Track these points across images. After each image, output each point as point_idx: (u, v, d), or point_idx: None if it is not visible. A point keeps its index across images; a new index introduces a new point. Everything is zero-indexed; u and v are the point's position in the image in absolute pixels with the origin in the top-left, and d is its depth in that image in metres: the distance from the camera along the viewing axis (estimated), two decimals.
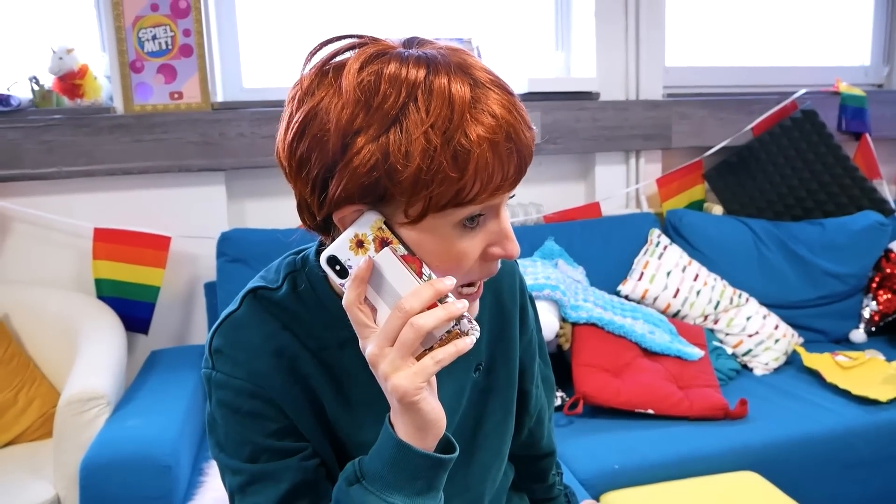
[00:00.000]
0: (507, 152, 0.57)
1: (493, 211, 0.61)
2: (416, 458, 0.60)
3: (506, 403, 0.80)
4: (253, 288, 0.70)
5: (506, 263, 0.79)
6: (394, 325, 0.57)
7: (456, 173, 0.55)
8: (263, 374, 0.66)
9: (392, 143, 0.55)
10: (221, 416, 0.67)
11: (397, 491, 0.60)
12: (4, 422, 1.65)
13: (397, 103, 0.55)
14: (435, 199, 0.56)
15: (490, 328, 0.78)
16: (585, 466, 1.45)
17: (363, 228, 0.59)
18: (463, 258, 0.60)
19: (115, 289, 1.88)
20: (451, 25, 2.28)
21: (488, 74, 0.58)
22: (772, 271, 2.15)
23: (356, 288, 0.59)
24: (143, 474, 1.27)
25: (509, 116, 0.57)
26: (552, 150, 2.20)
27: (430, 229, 0.59)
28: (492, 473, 0.80)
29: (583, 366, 1.69)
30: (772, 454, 1.53)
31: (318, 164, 0.58)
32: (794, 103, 2.35)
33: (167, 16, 1.85)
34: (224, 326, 0.68)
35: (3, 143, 1.79)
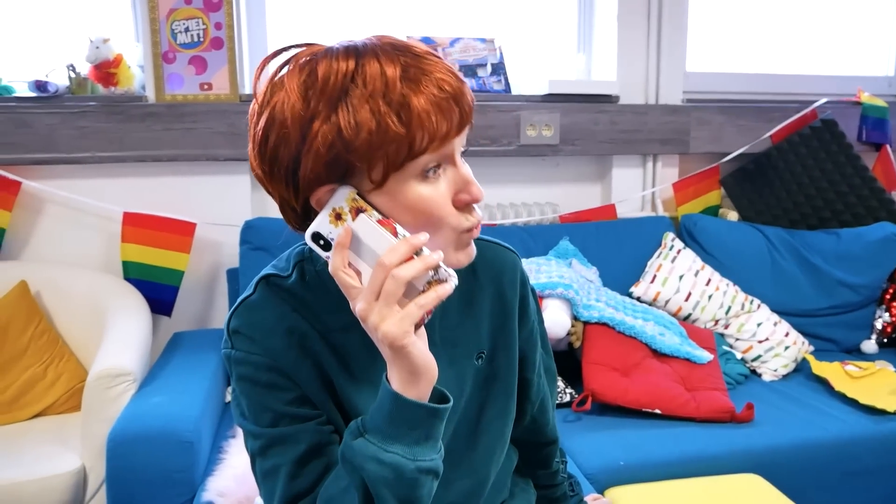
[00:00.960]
0: (445, 103, 0.64)
1: (448, 160, 0.67)
2: (411, 408, 0.65)
3: (507, 389, 0.84)
4: (265, 275, 0.76)
5: (507, 257, 0.84)
6: (377, 280, 0.63)
7: (403, 129, 0.62)
8: (277, 350, 0.72)
9: (342, 119, 0.62)
10: (243, 389, 0.73)
11: (396, 441, 0.65)
12: (34, 394, 1.72)
13: (338, 86, 0.62)
14: (391, 158, 0.63)
15: (492, 319, 0.82)
16: (592, 461, 1.48)
17: (339, 202, 0.65)
18: (433, 207, 0.66)
19: (142, 271, 1.94)
20: (474, 26, 2.31)
21: (418, 46, 0.66)
22: (785, 279, 2.16)
23: (339, 254, 0.65)
24: (167, 448, 1.32)
25: (440, 73, 0.64)
26: (570, 152, 2.22)
27: (397, 188, 0.65)
28: (496, 455, 0.85)
29: (593, 364, 1.72)
30: (776, 458, 1.55)
31: (286, 157, 0.65)
32: (814, 112, 2.35)
33: (200, 9, 1.91)
34: (240, 309, 0.74)
35: (41, 127, 1.86)
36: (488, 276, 0.82)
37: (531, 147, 2.17)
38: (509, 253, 0.85)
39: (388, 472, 0.64)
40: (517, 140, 2.15)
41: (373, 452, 0.64)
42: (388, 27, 2.20)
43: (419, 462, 0.65)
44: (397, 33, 0.68)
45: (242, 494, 1.27)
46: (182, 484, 1.33)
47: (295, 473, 0.71)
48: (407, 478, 0.64)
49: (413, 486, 0.65)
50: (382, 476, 0.64)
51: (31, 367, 1.73)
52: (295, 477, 0.71)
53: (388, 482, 0.64)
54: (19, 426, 1.67)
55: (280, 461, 0.72)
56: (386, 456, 0.64)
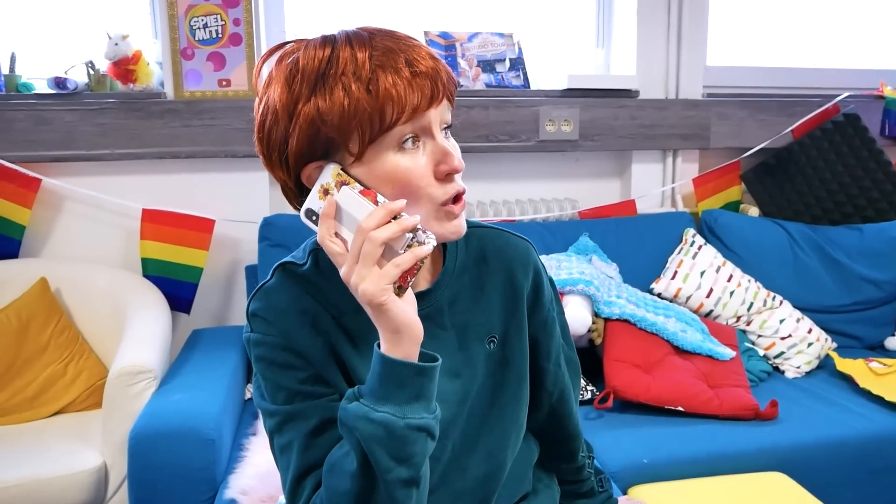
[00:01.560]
0: (417, 78, 0.68)
1: (426, 133, 0.71)
2: (397, 367, 0.68)
3: (520, 374, 0.85)
4: (282, 262, 0.80)
5: (518, 244, 0.86)
6: (357, 244, 0.67)
7: (372, 102, 0.67)
8: (291, 330, 0.76)
9: (320, 99, 0.68)
10: (261, 369, 0.77)
11: (387, 401, 0.67)
12: (54, 392, 1.73)
13: (315, 72, 0.69)
14: (364, 130, 0.68)
15: (504, 304, 0.84)
16: (614, 459, 1.47)
17: (326, 178, 0.71)
18: (410, 177, 0.70)
19: (160, 268, 1.94)
20: (493, 21, 2.30)
21: (397, 32, 0.72)
22: (807, 275, 2.14)
23: (324, 224, 0.70)
24: (189, 446, 1.32)
25: (413, 53, 0.69)
26: (589, 147, 2.21)
27: (374, 160, 0.70)
28: (511, 440, 0.86)
29: (614, 361, 1.71)
30: (801, 456, 1.53)
31: (277, 139, 0.72)
32: (836, 106, 2.32)
33: (218, 5, 1.90)
34: (258, 294, 0.79)
35: (60, 124, 1.86)
36: (499, 263, 0.84)
37: (550, 143, 2.16)
38: (521, 241, 0.87)
39: (378, 429, 0.66)
40: (536, 136, 2.14)
41: (364, 412, 0.67)
42: (405, 23, 2.19)
43: (409, 419, 0.67)
44: (415, 29, 0.71)
45: (265, 493, 1.26)
46: (204, 481, 1.33)
47: (307, 445, 0.74)
48: (398, 434, 0.67)
49: (404, 442, 0.67)
50: (374, 434, 0.66)
51: (52, 364, 1.74)
52: (307, 448, 0.74)
53: (379, 439, 0.66)
54: (40, 423, 1.68)
55: (293, 436, 0.75)
56: (376, 415, 0.67)
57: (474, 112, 2.05)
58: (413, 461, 0.68)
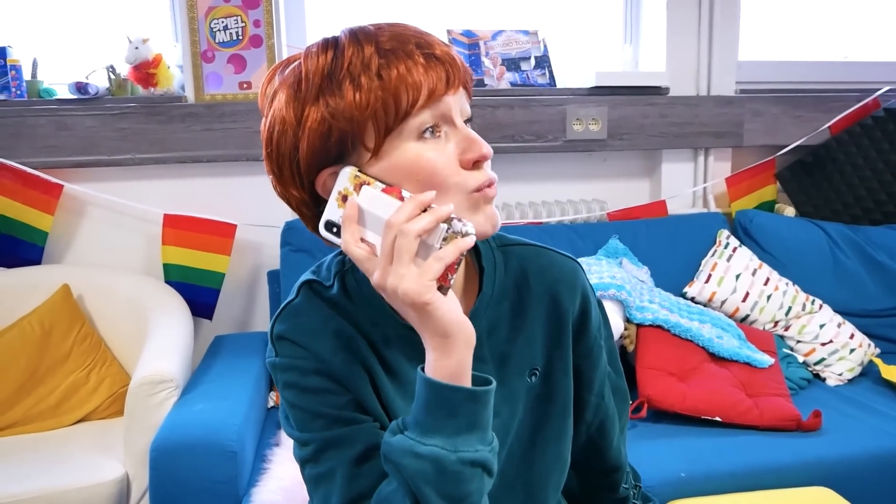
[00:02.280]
0: (430, 61, 0.64)
1: (447, 122, 0.66)
2: (446, 391, 0.61)
3: (565, 409, 0.79)
4: (308, 280, 0.74)
5: (565, 264, 0.79)
6: (388, 242, 0.61)
7: (385, 89, 0.63)
8: (325, 353, 0.70)
9: (329, 98, 0.64)
10: (291, 398, 0.70)
11: (436, 433, 0.60)
12: (77, 399, 1.72)
13: (320, 75, 0.65)
14: (380, 119, 0.63)
15: (547, 332, 0.77)
16: (650, 472, 1.41)
17: (343, 184, 0.65)
18: (435, 167, 0.65)
19: (182, 274, 1.93)
20: (519, 17, 2.26)
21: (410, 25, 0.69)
22: (848, 277, 2.06)
23: (348, 228, 0.64)
24: (211, 458, 1.30)
25: (426, 38, 0.66)
26: (618, 146, 2.16)
27: (394, 153, 0.65)
28: (553, 477, 0.80)
29: (647, 368, 1.66)
30: (847, 470, 1.47)
31: (286, 148, 0.67)
32: (876, 101, 2.25)
33: (238, 7, 1.88)
34: (284, 314, 0.73)
35: (82, 129, 1.86)
36: (543, 285, 0.77)
37: (578, 142, 2.11)
38: (569, 261, 0.79)
39: (426, 465, 0.60)
40: (563, 135, 2.09)
41: (409, 446, 0.60)
42: (429, 22, 2.15)
43: (461, 453, 0.60)
44: (438, 27, 0.67)
45: None
46: (226, 495, 1.31)
47: (354, 474, 0.68)
48: (449, 471, 0.60)
49: (457, 480, 0.60)
50: (421, 470, 0.60)
51: (74, 371, 1.74)
52: (354, 478, 0.68)
53: (427, 477, 0.59)
54: (63, 432, 1.67)
55: (335, 464, 0.68)
56: (423, 449, 0.60)
57: (499, 112, 2.01)
58: (469, 500, 0.61)
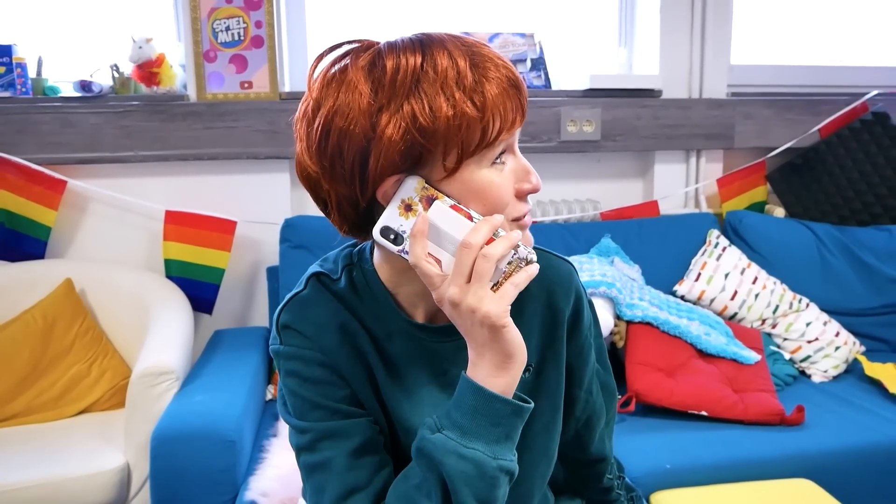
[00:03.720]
0: (511, 90, 0.65)
1: (510, 150, 0.69)
2: (496, 403, 0.64)
3: (554, 404, 0.82)
4: (316, 272, 0.76)
5: (561, 267, 0.81)
6: (465, 262, 0.63)
7: (478, 113, 0.63)
8: (330, 346, 0.72)
9: (416, 108, 0.62)
10: (293, 385, 0.73)
11: (478, 438, 0.64)
12: (78, 391, 1.75)
13: (408, 77, 0.63)
14: (466, 143, 0.64)
15: (541, 331, 0.80)
16: (637, 464, 1.45)
17: (408, 193, 0.65)
18: (501, 194, 0.67)
19: (183, 269, 1.96)
20: (515, 20, 2.29)
21: (472, 39, 0.68)
22: (834, 277, 2.11)
23: (419, 243, 0.64)
24: (210, 447, 1.33)
25: (501, 62, 0.66)
26: (611, 148, 2.19)
27: (468, 176, 0.66)
28: (540, 469, 0.83)
29: (636, 364, 1.69)
30: (829, 463, 1.51)
31: (351, 152, 0.64)
32: (864, 105, 2.29)
33: (241, 8, 1.92)
34: (291, 304, 0.74)
35: (86, 127, 1.89)
36: (539, 286, 0.79)
37: (572, 143, 2.15)
38: (564, 263, 0.83)
39: (469, 467, 0.63)
40: (558, 136, 2.13)
41: (453, 447, 0.64)
42: (426, 23, 2.19)
43: (500, 460, 0.64)
44: (435, 29, 0.70)
45: (286, 495, 1.27)
46: (225, 483, 1.34)
47: (350, 466, 0.70)
48: (488, 475, 0.64)
49: (493, 484, 0.64)
50: (463, 471, 0.63)
51: (76, 364, 1.77)
52: (350, 469, 0.70)
53: (468, 478, 0.63)
54: (64, 423, 1.70)
55: (332, 454, 0.71)
56: (467, 451, 0.63)
57: None
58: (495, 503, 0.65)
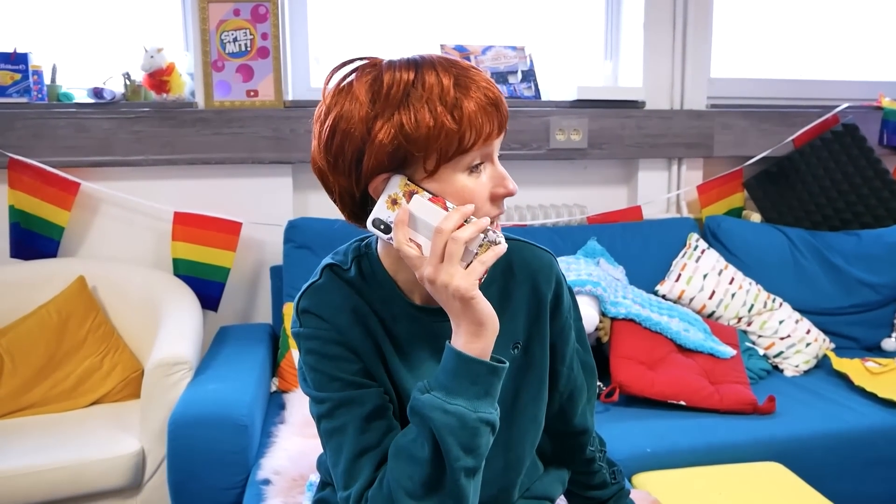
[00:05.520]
0: (489, 107, 0.75)
1: (488, 159, 0.78)
2: (473, 364, 0.74)
3: (541, 377, 0.91)
4: (329, 263, 0.87)
5: (543, 256, 0.91)
6: (438, 245, 0.73)
7: (455, 126, 0.73)
8: (344, 326, 0.82)
9: (404, 118, 0.72)
10: (312, 362, 0.82)
11: (460, 395, 0.74)
12: (91, 383, 1.81)
13: (400, 91, 0.73)
14: (444, 150, 0.73)
15: (528, 312, 0.89)
16: (620, 449, 1.52)
17: (393, 189, 0.76)
18: (474, 197, 0.76)
19: (190, 268, 2.03)
20: (505, 34, 2.36)
21: (463, 61, 0.78)
22: (806, 278, 2.20)
23: (400, 230, 0.75)
24: (224, 431, 1.40)
25: (484, 83, 0.76)
26: (598, 156, 2.28)
27: (446, 178, 0.75)
28: (529, 436, 0.92)
29: (620, 358, 1.78)
30: (797, 447, 1.59)
31: (350, 151, 0.75)
32: (835, 117, 2.39)
33: (248, 20, 2.00)
34: (309, 292, 0.84)
35: (98, 131, 1.96)
36: (525, 273, 0.90)
37: (560, 151, 2.23)
38: (546, 253, 0.93)
39: (452, 420, 0.73)
40: (547, 144, 2.21)
41: (439, 404, 0.73)
42: (423, 37, 2.26)
43: (480, 413, 0.74)
44: (432, 42, 0.80)
45: (297, 472, 1.35)
46: (237, 465, 1.42)
47: (363, 428, 0.80)
48: (469, 426, 0.73)
49: (474, 434, 0.74)
50: (448, 424, 0.73)
51: (89, 357, 1.83)
52: (363, 432, 0.80)
53: (452, 429, 0.73)
54: (79, 413, 1.76)
55: (347, 419, 0.80)
56: (451, 406, 0.73)
57: None
58: (478, 452, 0.75)
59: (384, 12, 2.28)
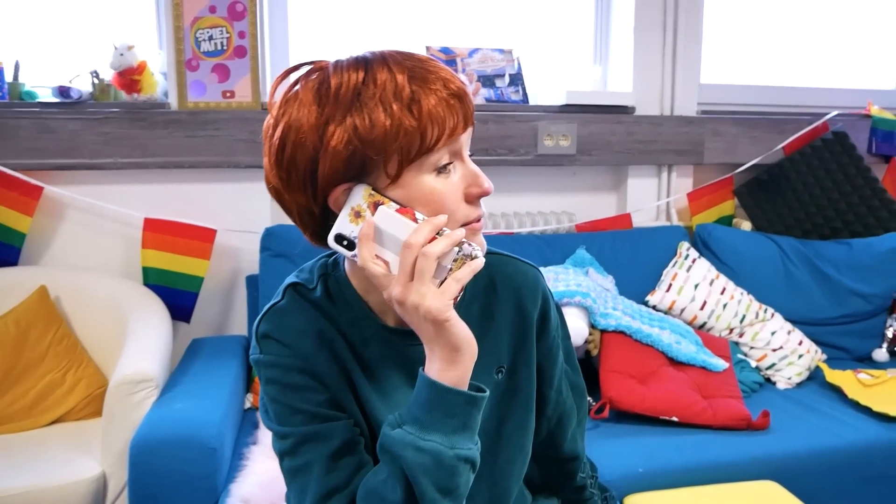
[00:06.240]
0: (452, 100, 0.68)
1: (458, 157, 0.72)
2: (449, 395, 0.67)
3: (527, 403, 0.85)
4: (293, 283, 0.79)
5: (528, 272, 0.85)
6: (407, 262, 0.66)
7: (415, 122, 0.66)
8: (308, 352, 0.75)
9: (357, 119, 0.66)
10: (274, 392, 0.75)
11: (435, 430, 0.66)
12: (52, 400, 1.72)
13: (350, 92, 0.67)
14: (405, 151, 0.67)
15: (512, 333, 0.83)
16: (610, 468, 1.47)
17: (356, 200, 0.69)
18: (445, 199, 0.70)
19: (161, 277, 1.95)
20: (493, 38, 2.33)
21: (421, 54, 0.71)
22: (798, 288, 2.18)
23: (365, 246, 0.68)
24: (191, 454, 1.32)
25: (445, 74, 0.69)
26: (586, 162, 2.24)
27: (412, 182, 0.69)
28: (516, 467, 0.85)
29: (610, 372, 1.73)
30: (792, 465, 1.56)
31: (303, 161, 0.69)
32: (825, 124, 2.38)
33: (224, 18, 1.93)
34: (270, 314, 0.77)
35: (64, 133, 1.87)
36: (508, 290, 0.83)
37: (548, 157, 2.19)
38: (530, 268, 0.86)
39: (426, 459, 0.66)
40: (534, 150, 2.17)
41: (411, 440, 0.66)
42: (407, 38, 2.22)
43: (457, 450, 0.67)
44: (417, 44, 0.74)
45: (267, 500, 1.28)
46: (205, 490, 1.34)
47: (329, 468, 0.73)
48: (446, 465, 0.66)
49: (452, 473, 0.66)
50: (421, 463, 0.65)
51: (50, 372, 1.74)
52: (330, 471, 0.73)
53: (426, 469, 0.65)
54: (38, 432, 1.67)
55: (312, 457, 0.73)
56: (424, 444, 0.66)
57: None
58: (458, 493, 0.68)
59: (368, 12, 2.23)
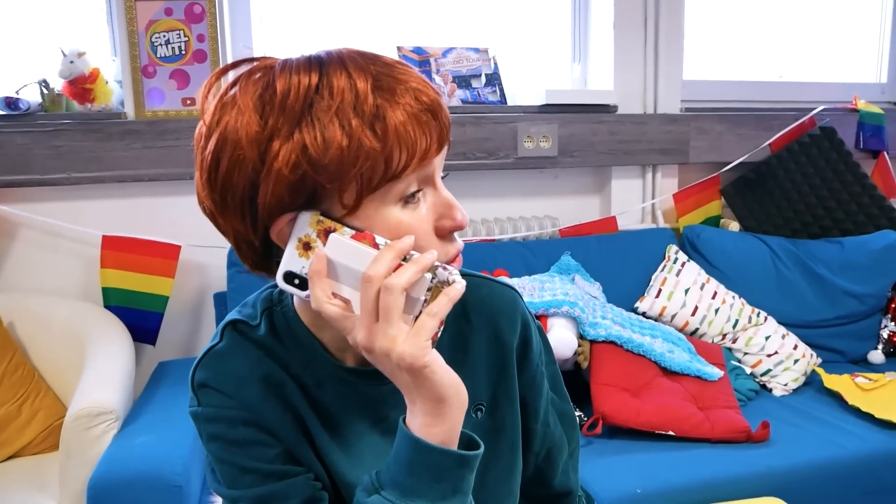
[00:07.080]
0: (424, 115, 0.57)
1: (429, 183, 0.61)
2: (435, 455, 0.57)
3: (513, 443, 0.76)
4: (232, 320, 0.68)
5: (504, 294, 0.76)
6: (369, 298, 0.55)
7: (378, 144, 0.55)
8: (254, 401, 0.65)
9: (307, 136, 0.55)
10: (218, 451, 0.66)
11: (419, 496, 0.57)
12: (7, 435, 1.62)
13: (300, 100, 0.55)
14: (366, 178, 0.56)
15: (490, 366, 0.74)
16: (606, 489, 1.42)
17: (304, 230, 0.58)
18: (415, 235, 0.58)
19: (123, 298, 1.86)
20: (469, 36, 2.27)
21: (387, 56, 0.60)
22: (790, 290, 2.13)
23: (317, 284, 0.57)
24: (154, 494, 1.25)
25: (416, 83, 0.58)
26: (568, 164, 2.18)
27: (373, 214, 0.58)
28: None
29: (601, 385, 1.66)
30: (795, 479, 1.50)
31: (241, 183, 0.57)
32: (812, 120, 2.33)
33: (181, 20, 1.84)
34: (207, 360, 0.67)
35: (12, 147, 1.77)
36: (483, 317, 0.73)
37: (529, 159, 2.12)
38: (507, 290, 0.76)
39: None
40: (514, 152, 2.10)
41: None
42: (378, 38, 2.14)
43: None
44: (388, 44, 0.62)
45: None
46: None
47: None
48: None
49: None
50: None
51: (5, 404, 1.63)
52: None
53: None
54: None
55: None
56: None
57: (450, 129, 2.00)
58: None
59: (336, 11, 2.15)
